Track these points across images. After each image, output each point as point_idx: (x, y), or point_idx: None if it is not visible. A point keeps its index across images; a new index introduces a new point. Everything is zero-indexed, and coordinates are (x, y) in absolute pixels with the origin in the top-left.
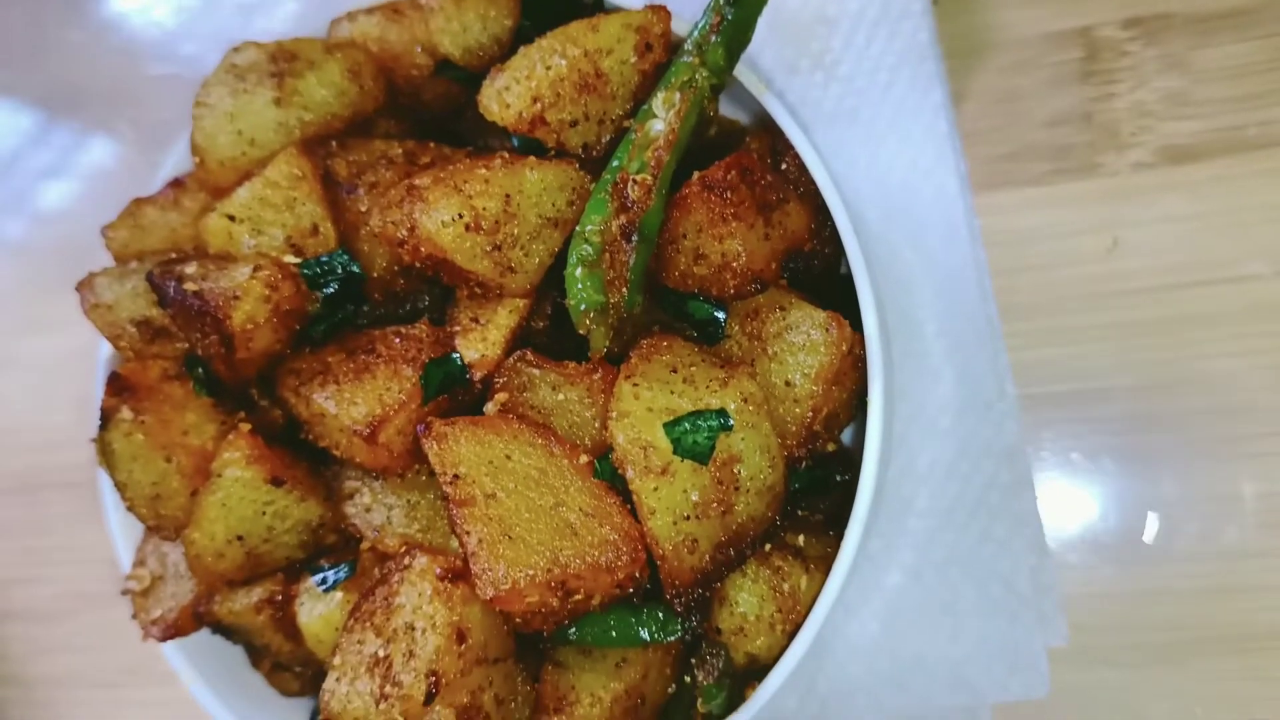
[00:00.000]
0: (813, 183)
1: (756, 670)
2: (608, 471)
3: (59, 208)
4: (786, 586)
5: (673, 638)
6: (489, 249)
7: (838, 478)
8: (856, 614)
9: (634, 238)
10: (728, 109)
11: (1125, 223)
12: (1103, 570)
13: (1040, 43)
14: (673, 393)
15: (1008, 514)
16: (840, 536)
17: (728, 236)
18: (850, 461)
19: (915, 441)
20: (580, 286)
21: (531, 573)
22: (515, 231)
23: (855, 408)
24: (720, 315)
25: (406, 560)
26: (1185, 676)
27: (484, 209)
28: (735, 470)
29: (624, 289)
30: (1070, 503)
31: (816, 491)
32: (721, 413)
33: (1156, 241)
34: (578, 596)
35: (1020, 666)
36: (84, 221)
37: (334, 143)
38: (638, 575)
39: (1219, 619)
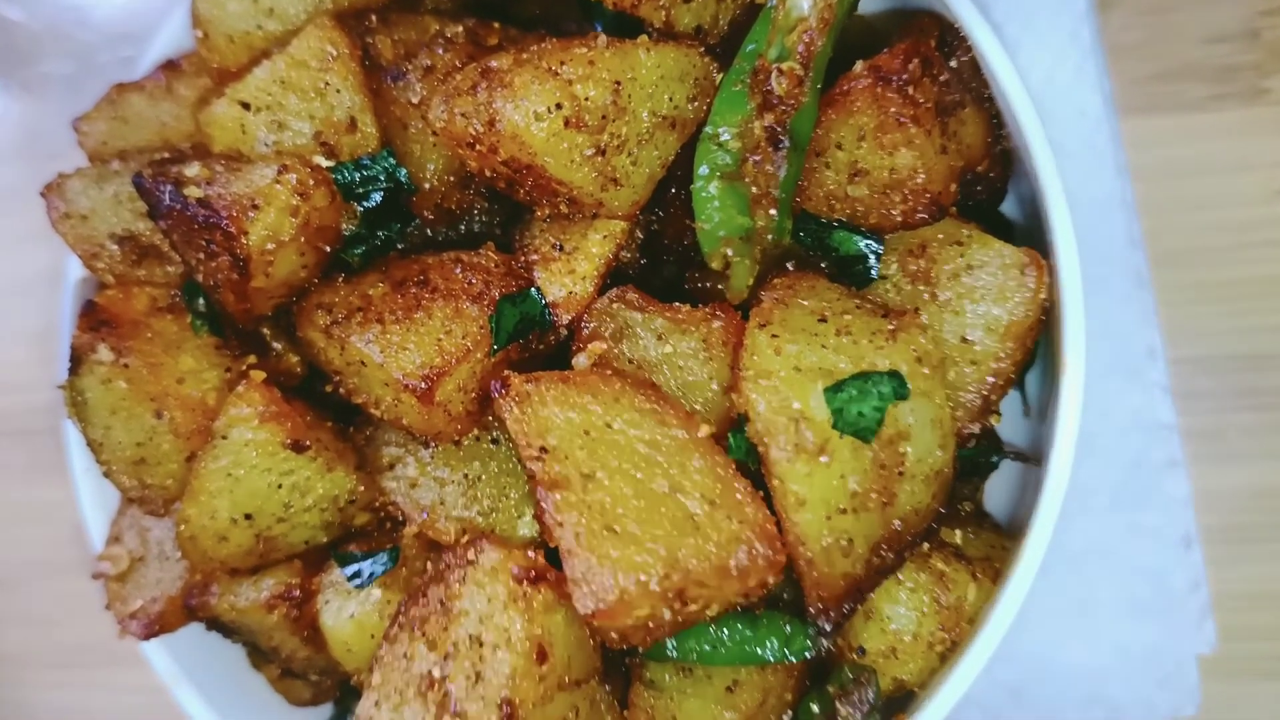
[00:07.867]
0: (985, 87)
1: (899, 699)
2: (742, 448)
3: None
4: (951, 598)
5: (800, 658)
6: (590, 153)
7: (994, 459)
8: None
9: (783, 143)
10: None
11: None
12: (1256, 567)
13: None
14: (824, 348)
15: (1159, 499)
16: (997, 529)
17: (902, 145)
18: (997, 440)
19: None
20: (716, 205)
21: (644, 579)
22: (623, 132)
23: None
24: (874, 250)
25: (470, 554)
26: None
27: (587, 99)
28: (901, 450)
29: (772, 210)
30: (1221, 487)
31: (965, 475)
32: (895, 375)
33: None
34: (693, 607)
35: (1168, 679)
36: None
37: (374, 17)
38: (771, 582)
39: None
